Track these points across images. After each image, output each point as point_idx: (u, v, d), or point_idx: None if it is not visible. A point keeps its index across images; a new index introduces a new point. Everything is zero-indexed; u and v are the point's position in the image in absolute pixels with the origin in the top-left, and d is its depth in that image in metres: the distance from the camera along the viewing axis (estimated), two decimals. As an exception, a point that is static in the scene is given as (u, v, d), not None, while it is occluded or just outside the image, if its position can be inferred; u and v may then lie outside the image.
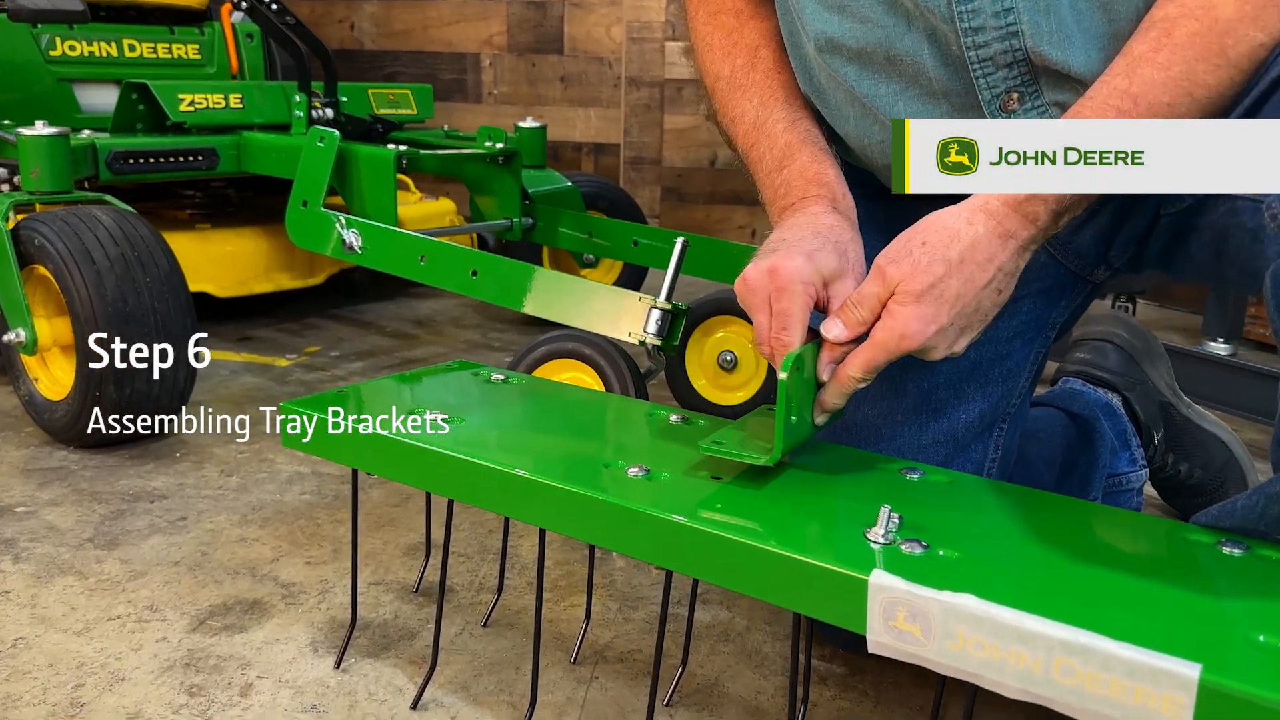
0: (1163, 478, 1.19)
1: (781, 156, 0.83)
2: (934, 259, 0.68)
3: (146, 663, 0.91)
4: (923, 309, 0.68)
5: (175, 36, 2.34)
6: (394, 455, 0.81)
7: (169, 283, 1.42)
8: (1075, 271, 0.86)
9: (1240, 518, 0.63)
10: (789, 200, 0.81)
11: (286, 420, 0.86)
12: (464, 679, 0.90)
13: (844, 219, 0.78)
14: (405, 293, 2.59)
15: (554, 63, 3.28)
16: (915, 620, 0.57)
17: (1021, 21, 0.74)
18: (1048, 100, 0.77)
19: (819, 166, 0.82)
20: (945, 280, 0.68)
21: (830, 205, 0.79)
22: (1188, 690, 0.49)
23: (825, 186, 0.80)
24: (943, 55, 0.78)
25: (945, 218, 0.70)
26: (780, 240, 0.75)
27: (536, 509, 0.73)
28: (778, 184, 0.83)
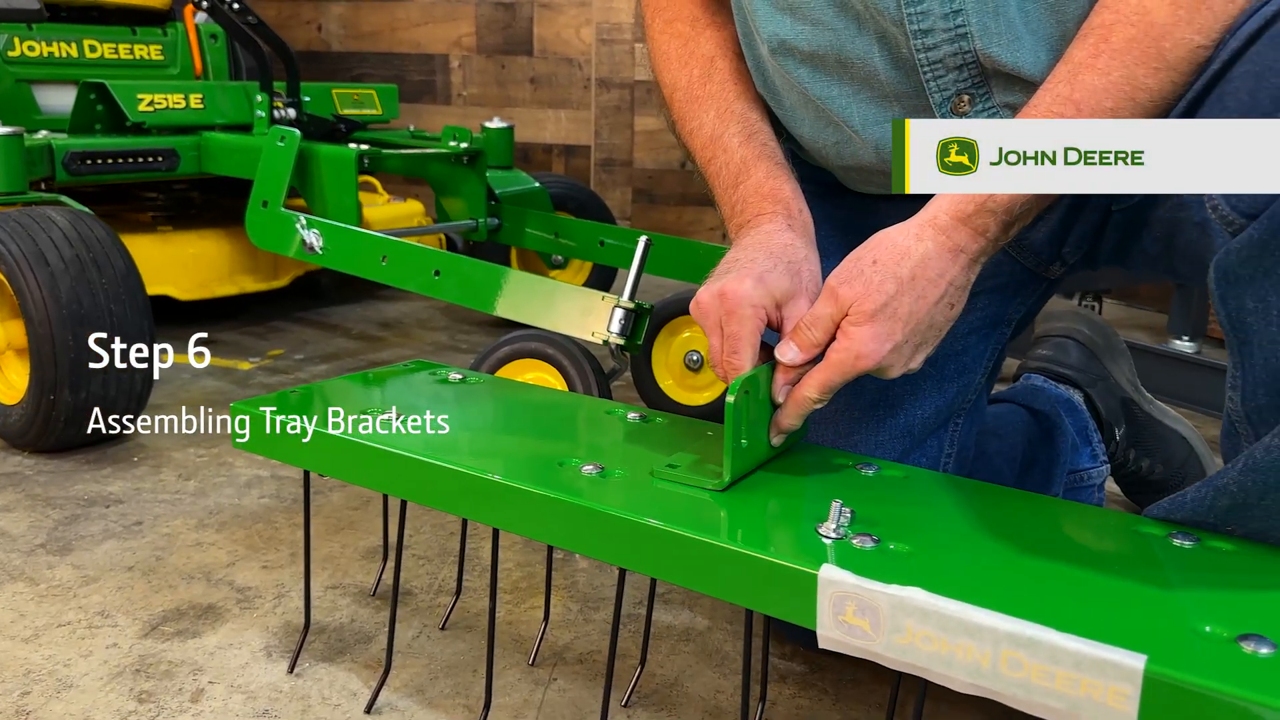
0: (1125, 474, 1.20)
1: (737, 172, 0.83)
2: (885, 277, 0.68)
3: (96, 669, 0.89)
4: (877, 328, 0.68)
5: (137, 37, 2.32)
6: (345, 456, 0.80)
7: (125, 284, 1.40)
8: (1030, 268, 0.86)
9: (1190, 510, 0.63)
10: (744, 217, 0.80)
11: (237, 421, 0.84)
12: (420, 682, 0.88)
13: (799, 236, 0.77)
14: (372, 295, 2.57)
15: (523, 64, 3.27)
16: (864, 614, 0.56)
17: (970, 24, 0.74)
18: (998, 102, 0.77)
19: (774, 182, 0.81)
20: (897, 298, 0.68)
21: (785, 222, 0.78)
22: (1133, 681, 0.49)
23: (780, 203, 0.79)
24: (893, 58, 0.78)
25: (895, 235, 0.70)
26: (734, 261, 0.75)
27: (489, 508, 0.72)
28: (734, 200, 0.82)
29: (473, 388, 0.95)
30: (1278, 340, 0.59)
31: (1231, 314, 0.61)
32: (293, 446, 0.82)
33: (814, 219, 0.84)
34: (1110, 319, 2.27)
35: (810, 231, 0.80)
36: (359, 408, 0.85)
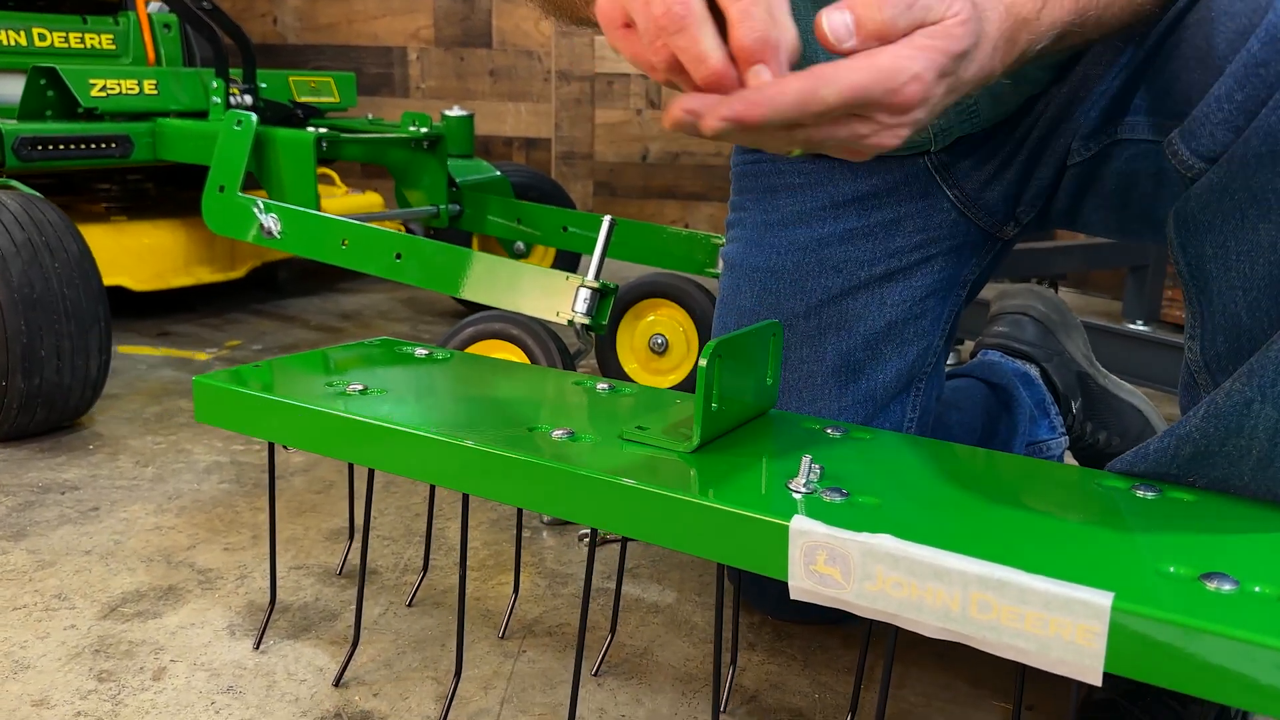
0: (1082, 446, 1.22)
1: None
2: (970, 18, 0.53)
3: (53, 650, 0.87)
4: (947, 73, 0.53)
5: (88, 26, 2.27)
6: (312, 426, 0.78)
7: (79, 269, 1.37)
8: (985, 229, 0.87)
9: (1153, 461, 0.64)
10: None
11: (200, 394, 0.83)
12: (387, 657, 0.88)
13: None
14: (331, 287, 2.54)
15: (482, 56, 3.25)
16: (835, 563, 0.57)
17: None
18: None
19: None
20: (967, 56, 0.54)
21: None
22: (1101, 619, 0.49)
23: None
24: None
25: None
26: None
27: (460, 474, 0.71)
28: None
29: (439, 362, 0.94)
30: (1236, 285, 0.60)
31: (1191, 261, 0.62)
32: (258, 417, 0.81)
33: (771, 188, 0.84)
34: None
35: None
36: (325, 379, 0.85)
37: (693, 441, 0.70)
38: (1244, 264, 0.58)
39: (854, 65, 0.50)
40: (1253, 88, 0.55)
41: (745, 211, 0.94)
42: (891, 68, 0.50)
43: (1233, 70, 0.57)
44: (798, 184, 0.90)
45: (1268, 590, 0.51)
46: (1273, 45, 0.55)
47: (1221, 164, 0.58)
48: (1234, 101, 0.56)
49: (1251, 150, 0.56)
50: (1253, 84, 0.55)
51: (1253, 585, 0.51)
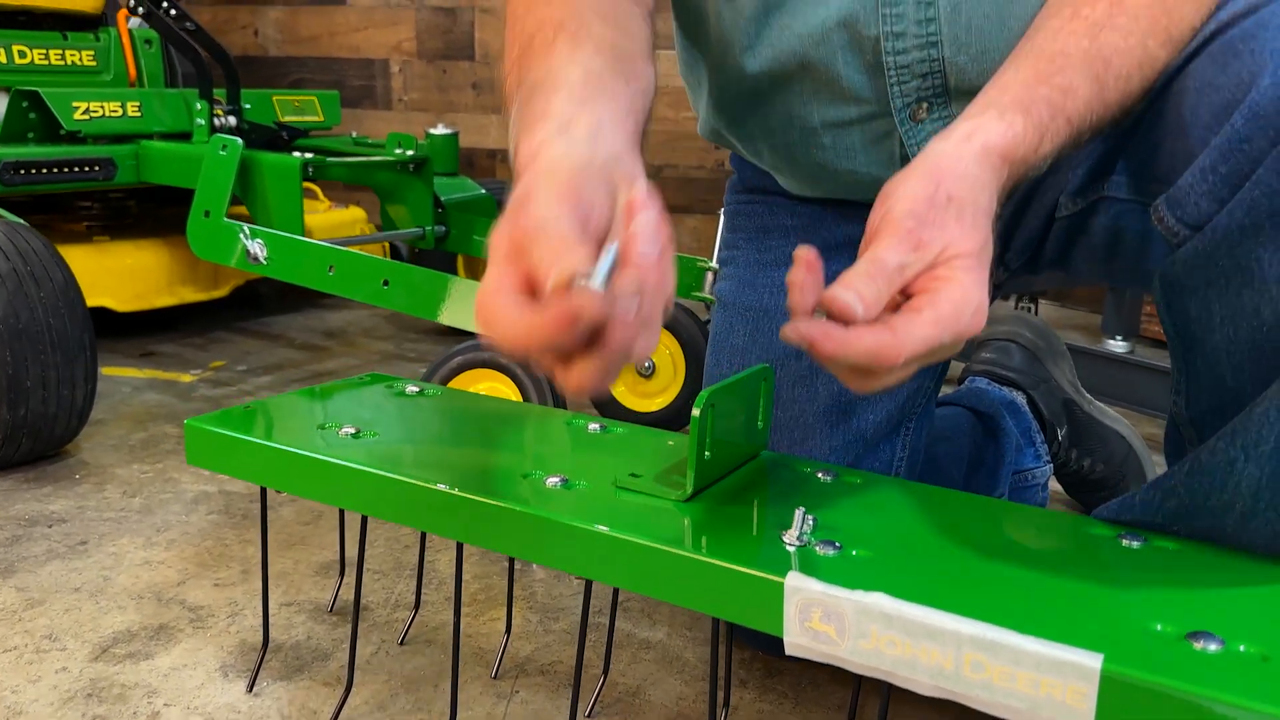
0: (1067, 472, 1.23)
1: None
2: (977, 213, 0.55)
3: (45, 694, 0.87)
4: (982, 274, 0.54)
5: (69, 43, 2.26)
6: (305, 472, 0.79)
7: (64, 298, 1.37)
8: (975, 274, 0.88)
9: (1139, 511, 0.66)
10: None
11: (192, 438, 0.83)
12: (381, 699, 0.88)
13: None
14: (314, 304, 2.54)
15: (465, 69, 3.25)
16: (830, 620, 0.57)
17: (941, 33, 0.75)
18: (955, 112, 0.79)
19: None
20: (990, 242, 0.56)
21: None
22: (1090, 680, 0.51)
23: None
24: (860, 63, 0.78)
25: (953, 161, 0.56)
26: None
27: (455, 523, 0.72)
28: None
29: (430, 400, 0.94)
30: (1220, 347, 0.61)
31: (1176, 321, 0.64)
32: (249, 463, 0.81)
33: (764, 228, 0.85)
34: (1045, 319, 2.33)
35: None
36: (316, 422, 0.85)
37: (686, 490, 0.71)
38: (1227, 327, 0.60)
39: (921, 320, 0.51)
40: (1236, 162, 0.57)
41: (738, 250, 0.95)
42: (953, 314, 0.52)
43: (1217, 144, 0.58)
44: (791, 226, 0.91)
45: (1252, 649, 0.52)
46: (1255, 122, 0.56)
47: (1206, 232, 0.59)
48: (1218, 174, 0.58)
49: (1235, 221, 0.57)
50: (1236, 159, 0.57)
51: (1237, 644, 0.52)
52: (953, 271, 0.52)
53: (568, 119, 0.55)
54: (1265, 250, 0.57)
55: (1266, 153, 0.56)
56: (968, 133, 0.57)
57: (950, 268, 0.52)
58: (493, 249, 0.49)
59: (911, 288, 0.53)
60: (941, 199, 0.54)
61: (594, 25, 0.62)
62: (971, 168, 0.55)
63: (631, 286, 0.44)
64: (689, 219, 3.11)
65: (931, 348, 0.51)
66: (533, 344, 0.44)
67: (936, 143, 0.58)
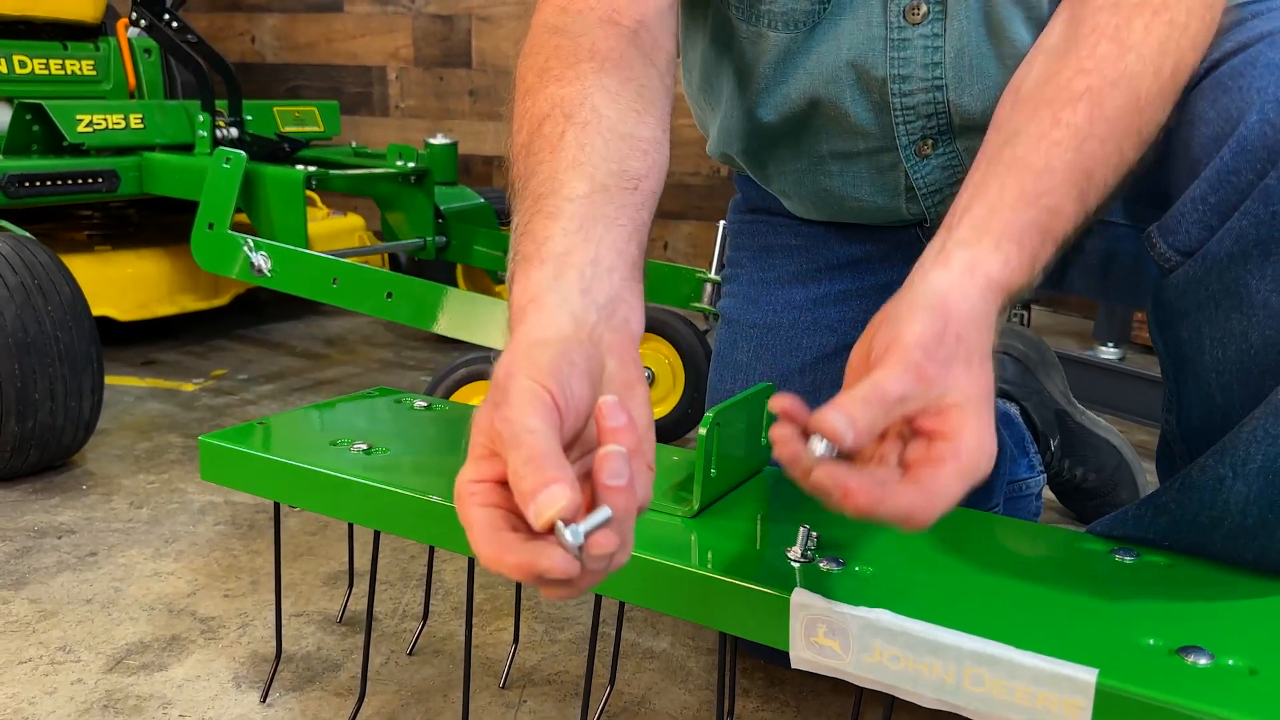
0: (1059, 482, 1.26)
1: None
2: (982, 357, 0.54)
3: (62, 706, 0.89)
4: (990, 421, 0.53)
5: (69, 53, 2.27)
6: (317, 488, 0.81)
7: (71, 310, 1.39)
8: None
9: (1131, 527, 0.68)
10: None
11: (206, 454, 0.85)
12: (391, 709, 0.90)
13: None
14: (314, 311, 2.55)
15: (462, 76, 3.27)
16: (835, 635, 0.60)
17: (946, 77, 0.77)
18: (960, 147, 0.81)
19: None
20: (992, 380, 0.55)
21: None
22: (1086, 694, 0.53)
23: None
24: (868, 102, 0.80)
25: (959, 301, 0.55)
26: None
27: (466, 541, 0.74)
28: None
29: (438, 415, 0.96)
30: (1210, 368, 0.64)
31: (1168, 343, 0.66)
32: (264, 479, 0.82)
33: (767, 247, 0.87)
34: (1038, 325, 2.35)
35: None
36: (328, 439, 0.87)
37: (692, 507, 0.73)
38: (1217, 350, 0.62)
39: (947, 475, 0.50)
40: (1224, 193, 0.60)
41: (742, 268, 0.97)
42: (973, 466, 0.51)
43: (1207, 175, 0.61)
44: (794, 245, 0.93)
45: (1239, 663, 0.54)
46: (1243, 155, 0.59)
47: (1197, 259, 0.62)
48: (1208, 204, 0.60)
49: (1224, 249, 0.60)
50: (1225, 190, 0.60)
51: (1226, 659, 0.54)
52: (965, 418, 0.51)
53: (564, 259, 0.55)
54: (1253, 277, 0.60)
55: (1254, 184, 0.59)
56: (969, 266, 0.56)
57: (962, 413, 0.51)
58: (473, 432, 0.49)
59: (917, 424, 0.52)
60: (951, 339, 0.53)
61: (604, 109, 0.61)
62: (978, 305, 0.55)
63: (604, 554, 0.44)
64: (684, 225, 3.13)
65: (957, 501, 0.51)
66: (501, 570, 0.45)
67: (938, 274, 0.56)
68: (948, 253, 0.57)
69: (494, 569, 0.46)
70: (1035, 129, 0.59)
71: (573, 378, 0.49)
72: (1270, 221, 0.58)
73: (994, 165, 0.59)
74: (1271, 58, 0.61)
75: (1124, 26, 0.61)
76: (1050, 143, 0.58)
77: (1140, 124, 0.61)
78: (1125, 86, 0.60)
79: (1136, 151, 0.61)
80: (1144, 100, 0.60)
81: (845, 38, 0.77)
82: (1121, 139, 0.60)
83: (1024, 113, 0.61)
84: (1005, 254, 0.56)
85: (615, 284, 0.55)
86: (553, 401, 0.47)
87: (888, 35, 0.76)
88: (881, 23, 0.76)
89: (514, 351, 0.50)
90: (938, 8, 0.75)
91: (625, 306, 0.55)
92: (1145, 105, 0.60)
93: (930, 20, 0.75)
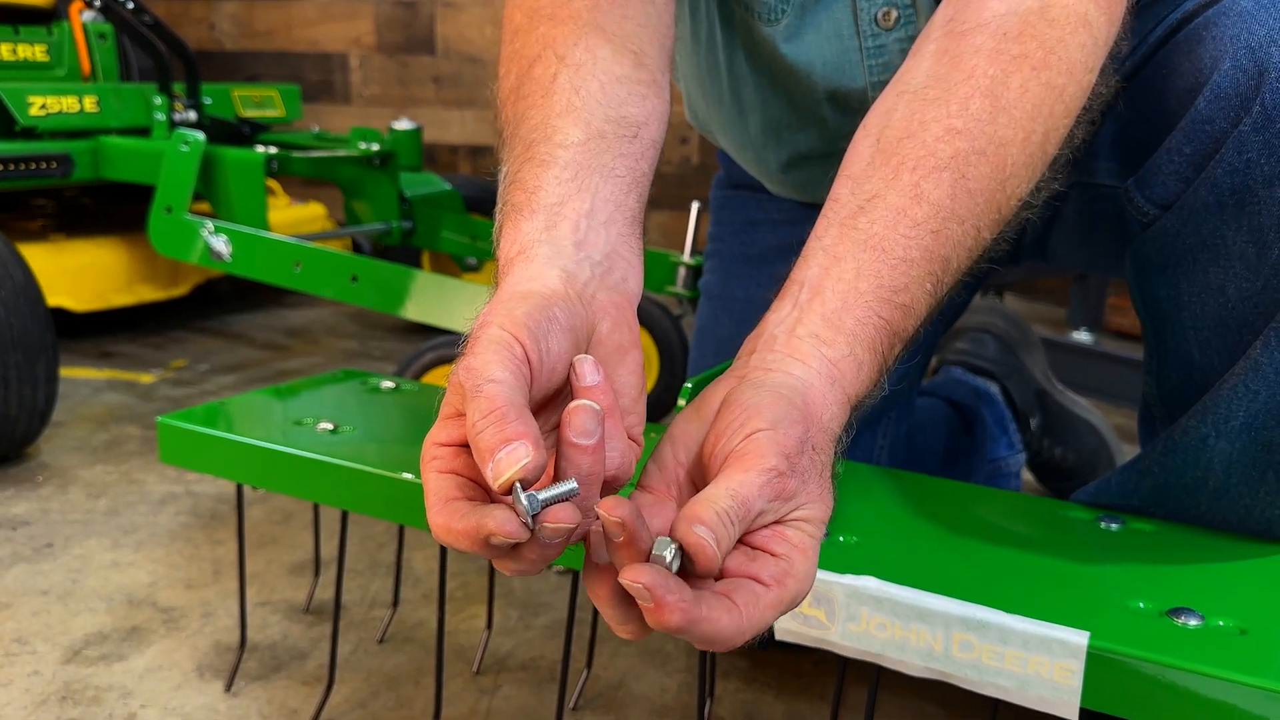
0: (1039, 461, 1.25)
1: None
2: (826, 473, 0.48)
3: (18, 699, 0.85)
4: (819, 542, 0.47)
5: (20, 37, 2.21)
6: (281, 468, 0.78)
7: (25, 297, 1.34)
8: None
9: (1116, 494, 0.67)
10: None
11: (165, 436, 0.82)
12: (361, 696, 0.87)
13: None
14: (276, 302, 2.50)
15: (426, 63, 3.23)
16: (820, 605, 0.58)
17: None
18: None
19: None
20: (831, 506, 0.48)
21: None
22: (1078, 657, 0.52)
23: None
24: (842, 108, 0.79)
25: (820, 411, 0.48)
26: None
27: (436, 516, 0.71)
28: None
29: (405, 396, 0.94)
30: (1188, 325, 0.63)
31: (1147, 301, 0.65)
32: (226, 460, 0.80)
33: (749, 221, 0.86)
34: (1009, 311, 2.36)
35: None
36: (292, 418, 0.84)
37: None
38: (1195, 304, 0.61)
39: (768, 603, 0.44)
40: (1199, 143, 0.59)
41: (724, 243, 0.96)
42: (794, 597, 0.45)
43: (1182, 126, 0.60)
44: (777, 219, 0.92)
45: (1229, 623, 0.53)
46: (1216, 104, 0.58)
47: (1174, 211, 0.61)
48: (1183, 154, 0.60)
49: (1200, 200, 0.59)
50: (1199, 139, 0.59)
51: (1216, 620, 0.54)
52: (803, 539, 0.45)
53: (557, 209, 0.51)
54: (1229, 228, 0.59)
55: (1228, 133, 0.58)
56: (829, 374, 0.49)
57: (803, 537, 0.45)
58: (446, 391, 0.46)
59: (753, 539, 0.45)
60: (810, 449, 0.47)
61: (600, 50, 0.57)
62: (835, 415, 0.49)
63: (559, 530, 0.40)
64: (657, 214, 3.11)
65: (766, 626, 0.45)
66: (451, 540, 0.42)
67: (798, 367, 0.49)
68: (803, 346, 0.50)
69: (443, 539, 0.42)
70: (895, 199, 0.52)
71: (552, 333, 0.45)
72: (1245, 170, 0.57)
73: (848, 234, 0.52)
74: (1244, 6, 0.60)
75: (1000, 81, 0.53)
76: (910, 223, 0.51)
77: (1002, 200, 0.54)
78: (993, 155, 0.53)
79: (992, 232, 0.54)
80: (1009, 171, 0.53)
81: (816, 50, 0.76)
82: (980, 219, 0.53)
83: (884, 172, 0.53)
84: (859, 361, 0.50)
85: (612, 238, 0.52)
86: (523, 353, 0.44)
87: (862, 44, 0.75)
88: (854, 33, 0.75)
89: (493, 302, 0.47)
90: (909, 10, 0.73)
91: (623, 263, 0.52)
92: (1010, 177, 0.53)
93: (903, 23, 0.74)
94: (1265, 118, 0.56)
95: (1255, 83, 0.57)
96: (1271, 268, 0.57)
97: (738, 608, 0.42)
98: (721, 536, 0.42)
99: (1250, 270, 0.58)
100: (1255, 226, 0.57)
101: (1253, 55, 0.57)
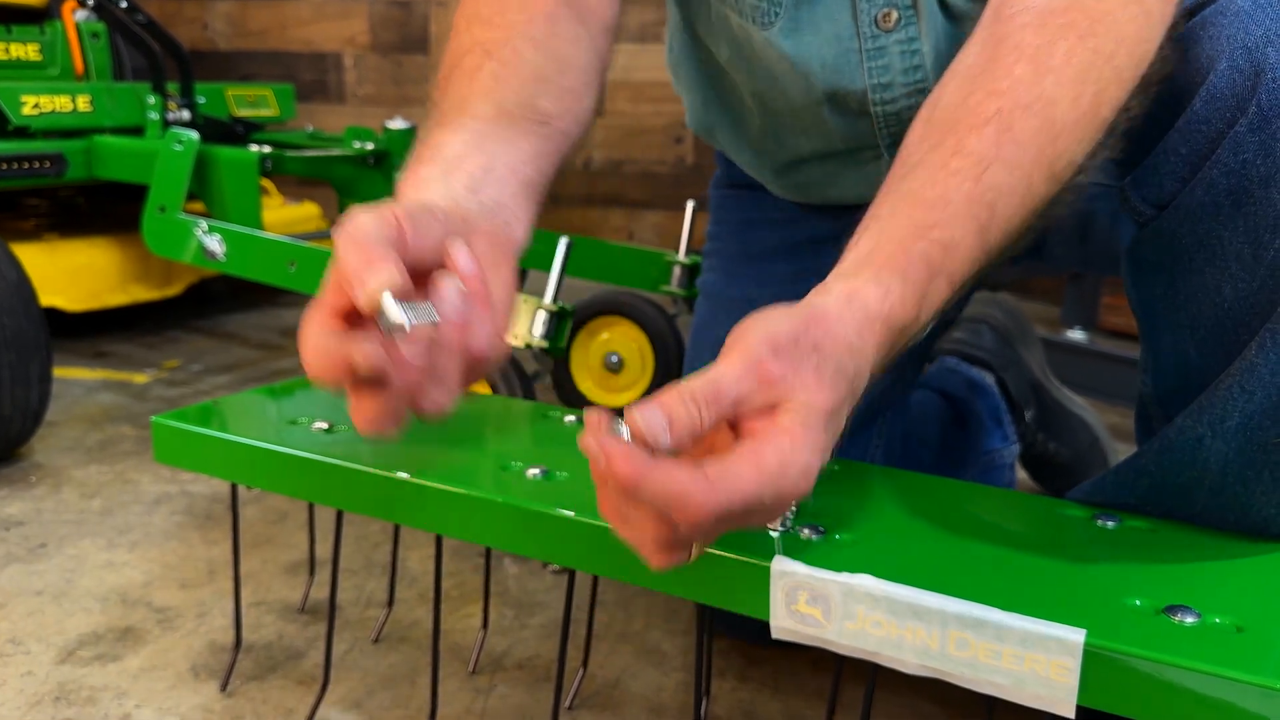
0: (1033, 455, 1.25)
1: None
2: (837, 373, 0.48)
3: (11, 699, 0.85)
4: (826, 437, 0.48)
5: (13, 36, 2.20)
6: (276, 467, 0.78)
7: (18, 295, 1.34)
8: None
9: (1112, 492, 0.67)
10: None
11: (159, 435, 0.81)
12: (357, 696, 0.87)
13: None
14: (270, 302, 2.50)
15: (420, 63, 3.22)
16: (816, 603, 0.58)
17: (929, 79, 0.75)
18: None
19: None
20: (844, 406, 0.49)
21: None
22: (1074, 655, 0.52)
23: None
24: (841, 109, 0.79)
25: (834, 323, 0.49)
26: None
27: (434, 516, 0.71)
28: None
29: (402, 394, 0.93)
30: (1184, 325, 0.63)
31: (1143, 300, 0.65)
32: (223, 460, 0.79)
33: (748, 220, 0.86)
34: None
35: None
36: (287, 417, 0.84)
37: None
38: (1191, 305, 0.62)
39: (740, 470, 0.43)
40: (1195, 143, 0.59)
41: (722, 242, 0.96)
42: (778, 469, 0.43)
43: (1179, 126, 0.60)
44: (776, 219, 0.92)
45: (1226, 621, 0.53)
46: (1212, 104, 0.58)
47: (1170, 211, 0.61)
48: (1179, 155, 0.60)
49: (1196, 200, 0.59)
50: (1195, 139, 0.59)
51: (1213, 617, 0.54)
52: (792, 421, 0.44)
53: (456, 162, 0.53)
54: (1224, 228, 0.59)
55: (1224, 134, 0.58)
56: (846, 295, 0.50)
57: (790, 416, 0.44)
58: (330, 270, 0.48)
59: (742, 427, 0.45)
60: (807, 343, 0.47)
61: (526, 53, 0.60)
62: (851, 328, 0.49)
63: (421, 339, 0.42)
64: (650, 214, 3.11)
65: (749, 505, 0.43)
66: (317, 373, 0.44)
67: (816, 297, 0.50)
68: (827, 284, 0.51)
69: (316, 375, 0.45)
70: (936, 158, 0.53)
71: (431, 221, 0.47)
72: (1240, 171, 0.57)
73: (888, 198, 0.54)
74: (1240, 6, 0.60)
75: (1045, 49, 0.54)
76: (949, 173, 0.52)
77: (1054, 154, 0.54)
78: (1039, 111, 0.53)
79: (1047, 186, 0.54)
80: (1059, 128, 0.53)
81: (815, 52, 0.75)
82: (1031, 167, 0.53)
83: (929, 141, 0.55)
84: (885, 286, 0.50)
85: (504, 193, 0.54)
86: (396, 223, 0.46)
87: (862, 46, 0.75)
88: (853, 34, 0.74)
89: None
90: (909, 11, 0.73)
91: (508, 213, 0.54)
92: (1060, 133, 0.53)
93: (904, 24, 0.73)
94: (1261, 118, 0.56)
95: (1251, 83, 0.57)
96: (1267, 268, 0.57)
97: (705, 475, 0.42)
98: (678, 414, 0.43)
99: (1246, 271, 0.58)
100: (1251, 227, 0.57)
101: (1249, 56, 0.57)
